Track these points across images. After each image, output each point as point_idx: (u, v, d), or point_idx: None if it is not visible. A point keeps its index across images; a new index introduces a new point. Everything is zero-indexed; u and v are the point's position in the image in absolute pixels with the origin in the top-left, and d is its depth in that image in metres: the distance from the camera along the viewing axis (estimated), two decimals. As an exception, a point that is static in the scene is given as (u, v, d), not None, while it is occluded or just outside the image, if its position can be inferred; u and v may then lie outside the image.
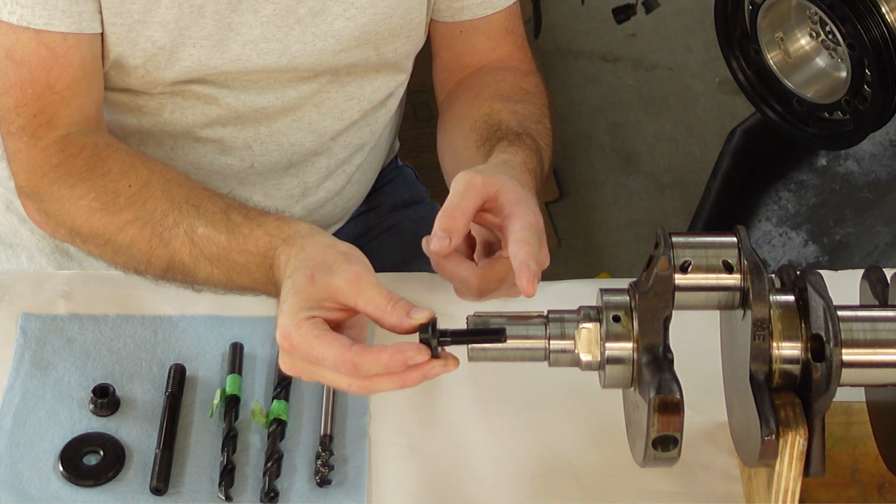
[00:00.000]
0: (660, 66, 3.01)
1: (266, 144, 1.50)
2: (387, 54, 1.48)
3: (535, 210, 1.25)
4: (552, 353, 1.12)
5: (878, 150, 2.24)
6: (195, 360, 1.32)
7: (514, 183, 1.27)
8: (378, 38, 1.46)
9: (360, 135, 1.56)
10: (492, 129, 1.42)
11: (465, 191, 1.24)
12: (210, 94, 1.45)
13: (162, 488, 1.22)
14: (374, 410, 1.29)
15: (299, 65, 1.44)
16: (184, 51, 1.39)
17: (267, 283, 1.23)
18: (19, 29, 1.33)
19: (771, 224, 2.25)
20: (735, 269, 1.11)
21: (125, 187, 1.31)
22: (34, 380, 1.29)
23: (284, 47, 1.42)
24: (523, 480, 1.24)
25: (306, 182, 1.54)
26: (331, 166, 1.55)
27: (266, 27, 1.40)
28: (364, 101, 1.52)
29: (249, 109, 1.47)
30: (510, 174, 1.29)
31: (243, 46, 1.40)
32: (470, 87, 1.51)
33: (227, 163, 1.50)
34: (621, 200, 2.77)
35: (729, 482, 1.24)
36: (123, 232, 1.30)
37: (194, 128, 1.47)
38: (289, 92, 1.47)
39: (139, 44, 1.38)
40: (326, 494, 1.22)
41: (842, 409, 1.24)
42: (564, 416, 1.28)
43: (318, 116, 1.50)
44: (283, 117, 1.49)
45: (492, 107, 1.45)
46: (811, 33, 1.56)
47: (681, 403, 1.06)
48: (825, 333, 1.08)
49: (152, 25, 1.37)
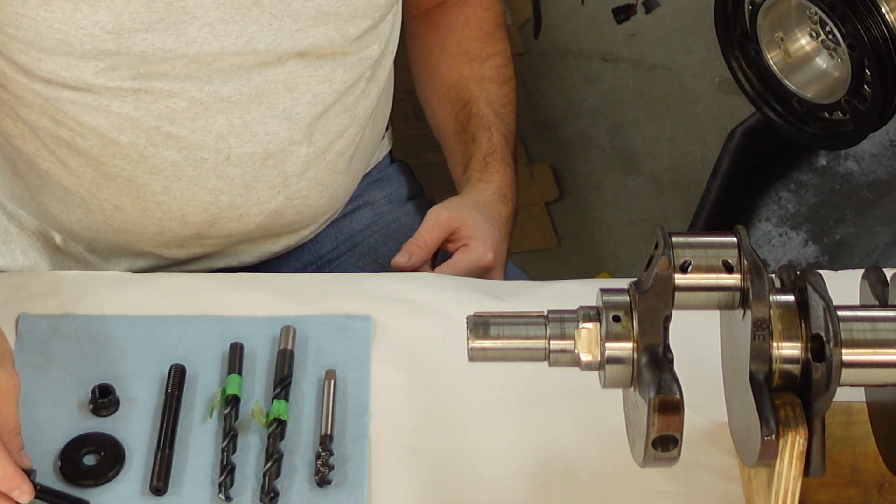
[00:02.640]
0: (660, 66, 3.00)
1: (241, 135, 1.49)
2: (352, 35, 1.49)
3: (489, 247, 1.52)
4: (552, 353, 1.11)
5: (878, 150, 2.24)
6: (195, 360, 1.32)
7: (479, 219, 1.54)
8: (338, 18, 1.46)
9: (340, 121, 1.55)
10: (463, 106, 1.66)
11: (431, 225, 1.53)
12: (172, 88, 1.44)
13: (162, 488, 1.22)
14: (374, 410, 1.29)
15: (257, 46, 1.44)
16: (136, 35, 1.39)
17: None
18: None
19: (771, 224, 2.25)
20: (735, 269, 1.11)
21: None
22: (34, 380, 1.29)
23: (241, 28, 1.42)
24: (523, 480, 1.24)
25: (286, 172, 1.53)
26: (311, 154, 1.54)
27: (223, 9, 1.40)
28: (337, 83, 1.52)
29: (215, 100, 1.46)
30: (478, 208, 1.56)
31: (199, 29, 1.40)
32: (435, 31, 1.68)
33: (202, 157, 1.49)
34: (621, 200, 2.77)
35: (729, 482, 1.24)
36: None
37: (163, 124, 1.46)
38: (254, 77, 1.46)
39: (86, 28, 1.37)
40: (326, 494, 1.22)
41: (842, 409, 1.24)
42: (564, 416, 1.28)
43: (291, 102, 1.49)
44: (255, 106, 1.48)
45: (460, 73, 1.68)
46: (811, 33, 1.56)
47: (681, 403, 1.06)
48: (825, 333, 1.08)
49: (100, 9, 1.36)
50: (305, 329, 1.34)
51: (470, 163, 1.64)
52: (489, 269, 1.53)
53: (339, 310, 1.36)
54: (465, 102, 1.67)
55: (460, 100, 1.68)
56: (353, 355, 1.33)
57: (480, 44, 1.69)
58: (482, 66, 1.69)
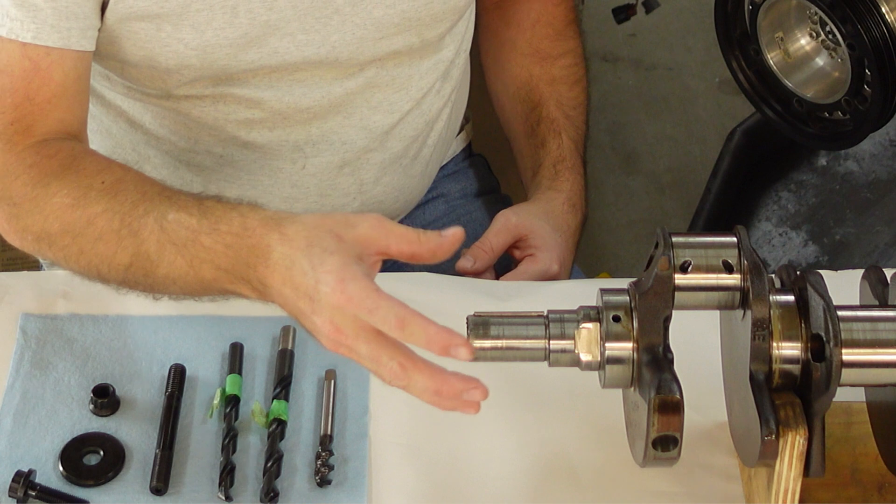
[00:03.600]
0: (660, 66, 3.00)
1: (318, 145, 1.49)
2: (431, 39, 1.49)
3: (554, 259, 1.50)
4: (552, 353, 1.11)
5: (878, 150, 2.24)
6: (195, 360, 1.32)
7: (547, 229, 1.52)
8: (420, 24, 1.45)
9: (414, 126, 1.55)
10: (533, 109, 1.63)
11: (499, 230, 1.50)
12: (253, 96, 1.44)
13: (162, 488, 1.22)
14: (374, 410, 1.29)
15: (339, 55, 1.43)
16: (220, 50, 1.39)
17: (232, 273, 1.17)
18: (6, 40, 1.32)
19: (771, 224, 2.25)
20: (735, 269, 1.11)
21: (98, 182, 1.28)
22: (34, 380, 1.29)
23: (323, 38, 1.41)
24: (523, 480, 1.24)
25: (362, 179, 1.53)
26: (386, 161, 1.54)
27: (304, 19, 1.39)
28: (413, 90, 1.52)
29: (295, 110, 1.46)
30: (547, 217, 1.54)
31: (281, 40, 1.40)
32: (507, 26, 1.64)
33: (278, 166, 1.49)
34: (621, 200, 2.77)
35: (729, 482, 1.24)
36: (93, 225, 1.26)
37: (241, 133, 1.46)
38: (335, 89, 1.46)
39: (170, 45, 1.37)
40: (326, 494, 1.22)
41: (842, 409, 1.24)
42: (564, 416, 1.28)
43: (368, 111, 1.49)
44: (332, 116, 1.48)
45: (531, 73, 1.64)
46: (811, 33, 1.56)
47: (681, 403, 1.06)
48: (825, 333, 1.08)
49: (183, 28, 1.36)
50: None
51: (539, 169, 1.62)
52: (554, 280, 1.51)
53: (339, 310, 1.36)
54: (535, 105, 1.65)
55: (530, 101, 1.65)
56: (353, 355, 1.33)
57: (551, 42, 1.67)
58: (553, 65, 1.66)
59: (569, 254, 1.56)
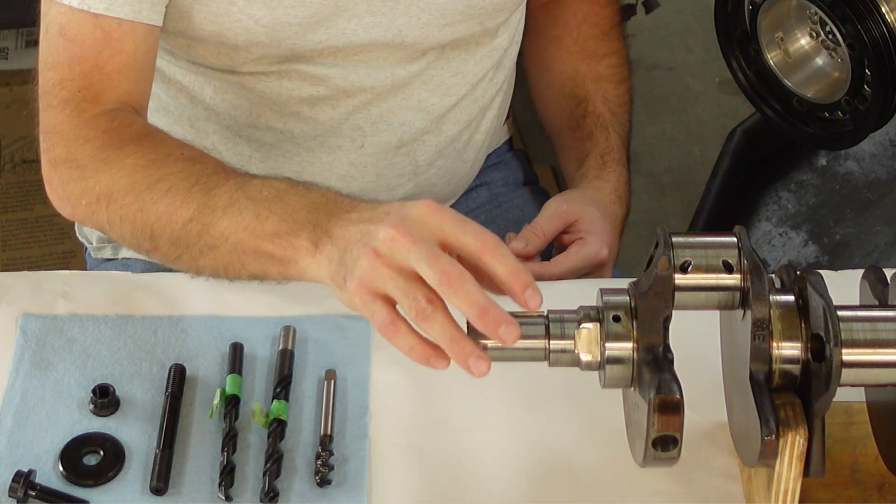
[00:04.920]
0: (660, 66, 3.00)
1: (377, 125, 1.51)
2: (491, 28, 1.51)
3: (604, 243, 1.52)
4: (552, 353, 1.11)
5: (878, 150, 2.24)
6: (195, 360, 1.32)
7: (597, 215, 1.54)
8: (482, 12, 1.48)
9: (469, 110, 1.57)
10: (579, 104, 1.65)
11: (550, 215, 1.53)
12: (318, 73, 1.46)
13: (162, 488, 1.22)
14: (374, 410, 1.29)
15: (405, 38, 1.45)
16: (289, 28, 1.40)
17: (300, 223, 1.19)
18: (77, 11, 1.33)
19: (771, 224, 2.25)
20: (735, 269, 1.11)
21: (178, 152, 1.30)
22: (34, 380, 1.29)
23: (389, 21, 1.43)
24: (523, 480, 1.24)
25: (417, 161, 1.55)
26: (440, 144, 1.56)
27: (371, 2, 1.41)
28: (469, 75, 1.54)
29: (358, 89, 1.48)
30: (596, 205, 1.55)
31: (349, 21, 1.42)
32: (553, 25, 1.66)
33: (337, 144, 1.51)
34: (621, 200, 2.76)
35: (729, 482, 1.24)
36: (164, 181, 1.27)
37: (303, 108, 1.48)
38: (398, 72, 1.48)
39: (241, 21, 1.38)
40: (326, 494, 1.22)
41: (842, 409, 1.24)
42: (564, 416, 1.28)
43: (426, 94, 1.51)
44: (393, 97, 1.50)
45: (577, 69, 1.66)
46: (811, 33, 1.56)
47: (681, 403, 1.06)
48: (825, 333, 1.08)
49: (254, 4, 1.38)
50: (305, 329, 1.34)
51: (586, 160, 1.63)
52: (602, 265, 1.54)
53: (339, 310, 1.36)
54: (580, 100, 1.67)
55: (576, 96, 1.67)
56: (353, 355, 1.33)
57: (597, 41, 1.69)
58: (598, 64, 1.68)
59: (616, 241, 1.58)
